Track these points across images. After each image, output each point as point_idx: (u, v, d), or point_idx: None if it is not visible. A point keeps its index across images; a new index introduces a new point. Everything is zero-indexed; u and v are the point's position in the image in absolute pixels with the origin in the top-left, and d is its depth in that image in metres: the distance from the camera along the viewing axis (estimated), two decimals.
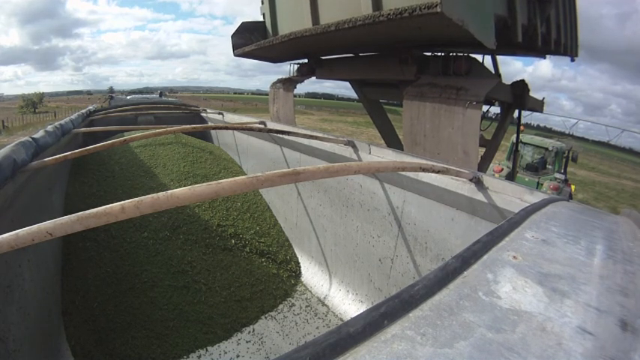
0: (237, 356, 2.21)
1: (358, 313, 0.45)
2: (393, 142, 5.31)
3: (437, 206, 1.87)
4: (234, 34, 4.83)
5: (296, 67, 5.23)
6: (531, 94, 3.52)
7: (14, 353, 1.29)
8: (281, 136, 2.89)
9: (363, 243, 2.44)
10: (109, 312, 2.15)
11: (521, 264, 0.63)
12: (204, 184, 0.83)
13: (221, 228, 2.96)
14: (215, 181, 0.84)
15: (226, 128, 3.22)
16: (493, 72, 3.22)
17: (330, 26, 2.78)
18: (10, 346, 1.27)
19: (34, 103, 34.44)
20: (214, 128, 2.96)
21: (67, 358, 1.87)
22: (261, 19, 4.72)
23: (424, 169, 1.39)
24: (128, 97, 8.92)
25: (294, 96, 5.09)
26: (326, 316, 2.58)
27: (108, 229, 2.51)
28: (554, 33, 2.60)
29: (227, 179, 0.86)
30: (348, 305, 2.55)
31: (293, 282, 2.92)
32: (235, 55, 4.92)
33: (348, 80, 5.29)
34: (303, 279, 2.97)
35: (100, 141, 1.89)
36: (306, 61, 5.00)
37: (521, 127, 5.27)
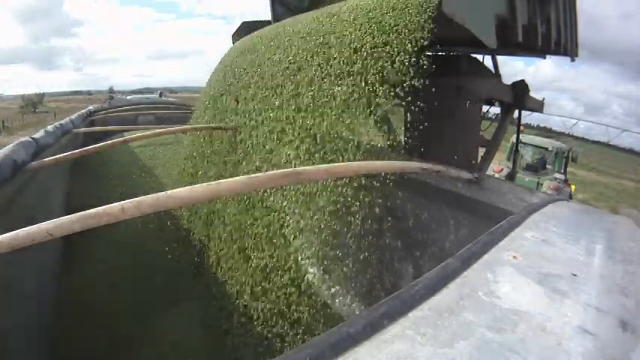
0: None
1: (358, 313, 0.45)
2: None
3: (437, 206, 1.87)
4: (234, 33, 4.82)
5: None
6: (532, 94, 3.51)
7: (14, 353, 1.29)
8: None
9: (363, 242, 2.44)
10: (108, 312, 2.15)
11: (521, 264, 0.63)
12: (204, 184, 0.83)
13: None
14: (215, 181, 0.84)
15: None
16: (493, 72, 3.22)
17: None
18: (10, 346, 1.27)
19: (34, 103, 34.33)
20: (215, 128, 2.95)
21: (66, 357, 1.87)
22: (261, 18, 4.70)
23: (424, 169, 1.39)
24: (128, 98, 8.94)
25: None
26: None
27: (108, 229, 2.51)
28: (554, 33, 2.59)
29: (227, 179, 0.86)
30: (348, 305, 2.55)
31: None
32: None
33: None
34: None
35: (100, 141, 1.89)
36: None
37: (522, 128, 5.25)
